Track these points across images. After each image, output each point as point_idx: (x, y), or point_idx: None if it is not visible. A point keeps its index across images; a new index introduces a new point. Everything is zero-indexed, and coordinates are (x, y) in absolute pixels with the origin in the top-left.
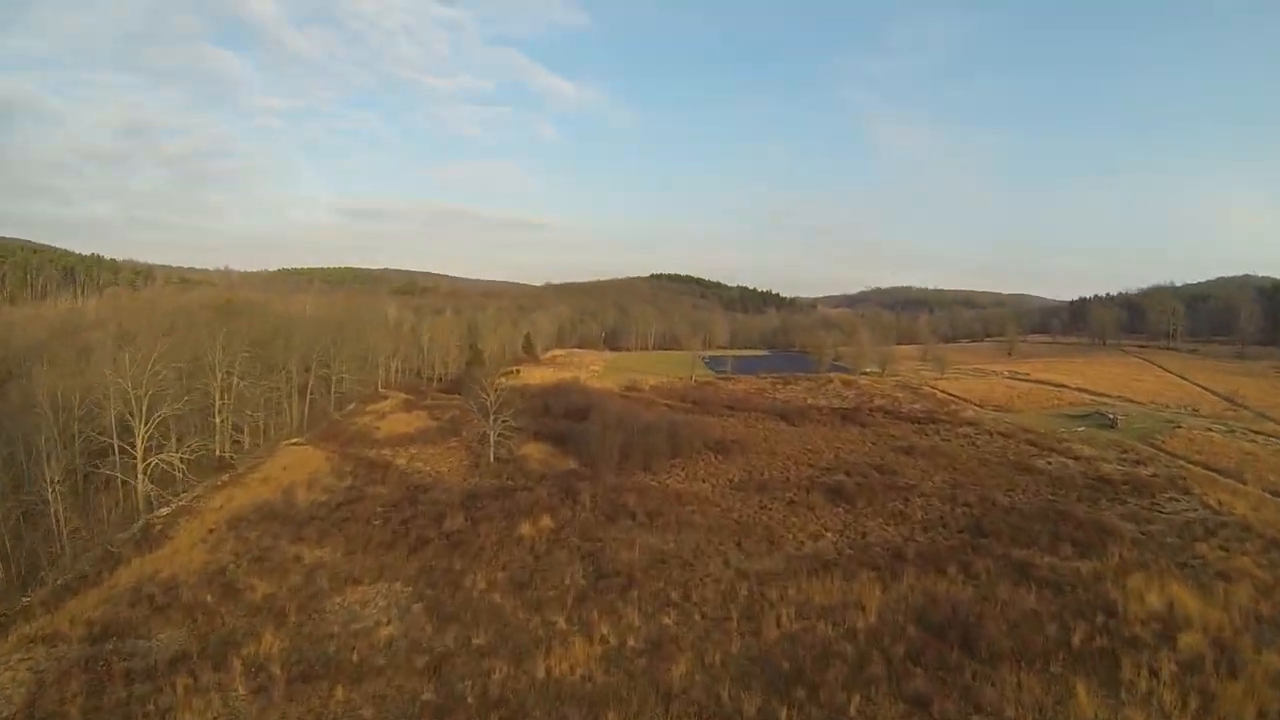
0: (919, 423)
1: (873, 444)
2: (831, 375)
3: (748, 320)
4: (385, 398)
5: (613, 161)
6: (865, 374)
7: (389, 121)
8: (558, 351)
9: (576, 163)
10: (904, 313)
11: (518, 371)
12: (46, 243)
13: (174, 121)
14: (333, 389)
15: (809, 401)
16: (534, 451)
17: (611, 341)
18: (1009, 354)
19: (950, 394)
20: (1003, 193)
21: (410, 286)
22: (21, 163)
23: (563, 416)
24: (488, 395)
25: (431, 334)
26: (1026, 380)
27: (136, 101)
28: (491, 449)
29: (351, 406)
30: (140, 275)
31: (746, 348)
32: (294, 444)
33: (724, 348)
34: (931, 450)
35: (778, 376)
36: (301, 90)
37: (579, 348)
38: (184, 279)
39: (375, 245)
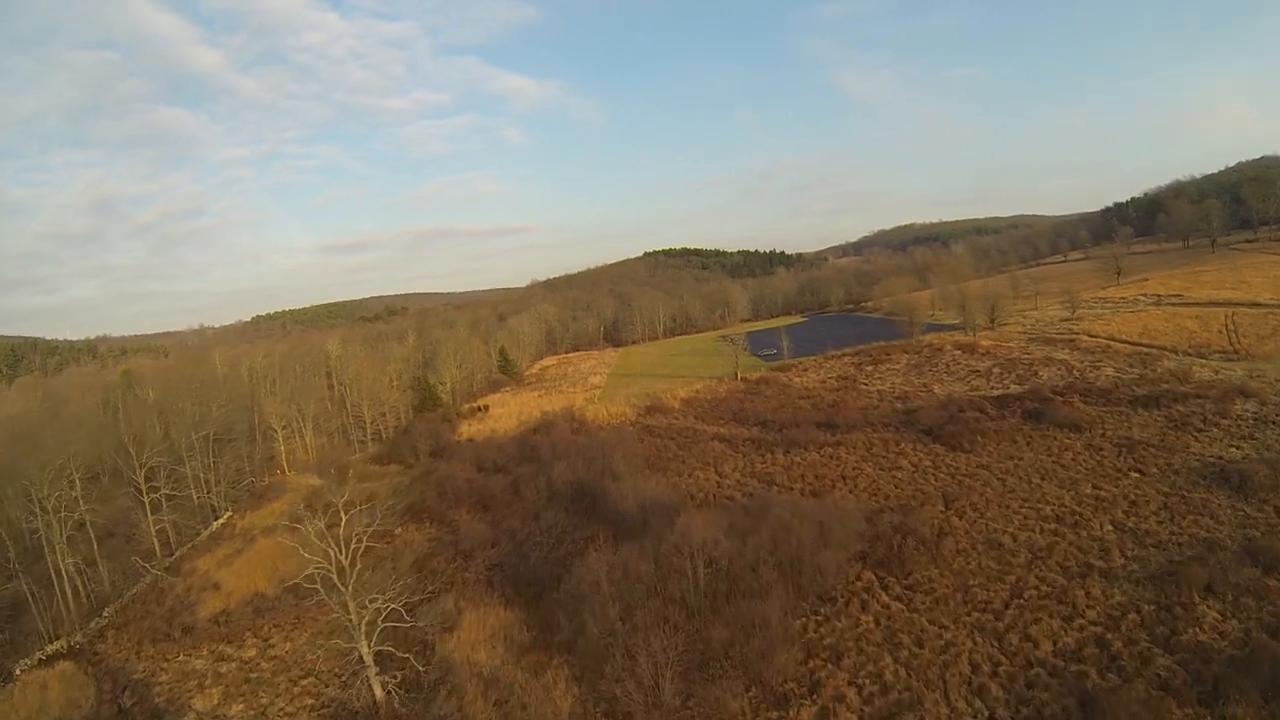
0: (1157, 407)
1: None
2: (926, 337)
3: (765, 284)
4: (270, 497)
5: (586, 153)
6: (956, 328)
7: (354, 152)
8: (549, 361)
9: (550, 161)
10: (916, 249)
11: (484, 409)
12: (35, 335)
13: (140, 190)
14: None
15: (938, 390)
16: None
17: (614, 336)
18: (1118, 273)
19: (1128, 340)
20: (974, 122)
21: (385, 312)
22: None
23: (535, 522)
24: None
25: (357, 376)
26: (1194, 304)
27: (99, 177)
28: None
29: (198, 539)
30: (87, 352)
31: (772, 316)
32: None
33: (747, 320)
34: None
35: (856, 352)
36: (261, 135)
37: (575, 351)
38: (148, 347)
39: (358, 278)
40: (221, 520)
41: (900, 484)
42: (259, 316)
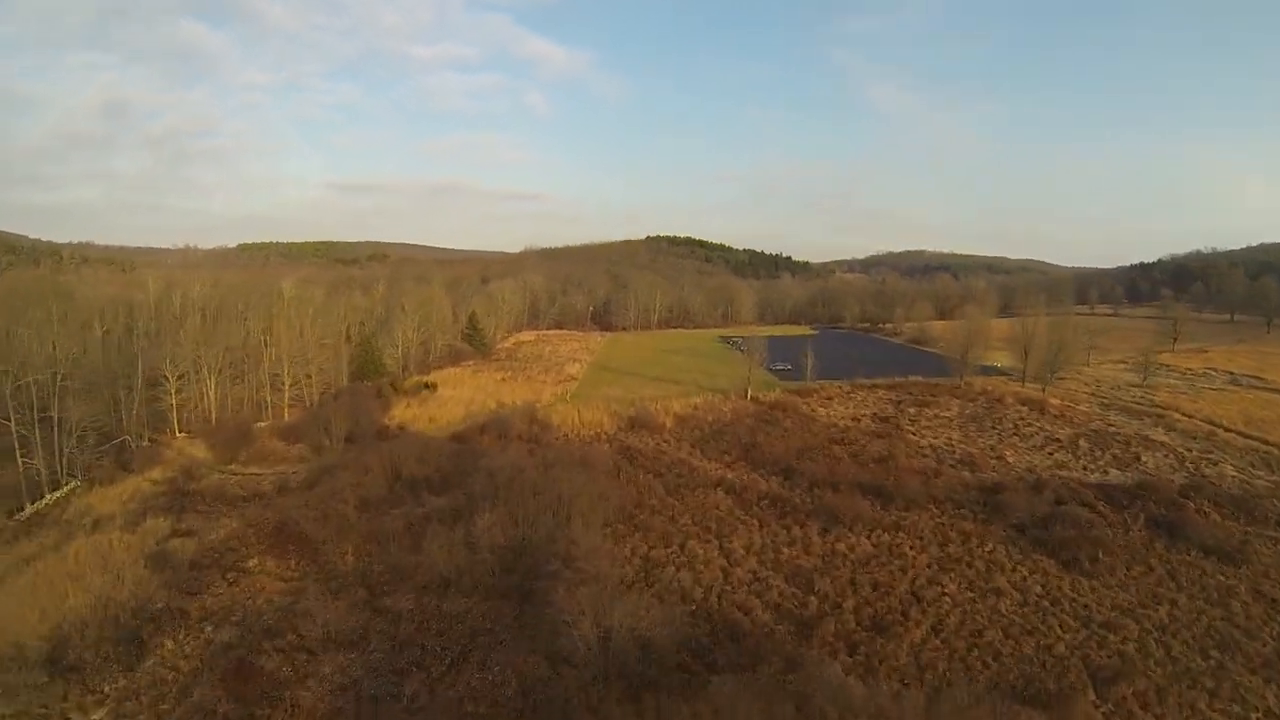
0: None
1: None
2: (975, 380)
3: (772, 288)
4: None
5: (604, 128)
6: (1005, 373)
7: (375, 94)
8: (526, 336)
9: (568, 131)
10: (939, 276)
11: (432, 388)
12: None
13: (154, 101)
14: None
15: (1012, 459)
16: None
17: (602, 319)
18: (1174, 339)
19: (1233, 428)
20: (996, 157)
21: (364, 257)
22: (4, 151)
23: (433, 608)
24: None
25: (288, 323)
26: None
27: (113, 81)
28: None
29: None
30: (56, 255)
31: (777, 323)
32: None
33: (749, 324)
34: None
35: (891, 385)
36: (283, 63)
37: (558, 329)
38: (128, 260)
39: (366, 221)
40: (60, 493)
41: (1009, 628)
42: (244, 244)
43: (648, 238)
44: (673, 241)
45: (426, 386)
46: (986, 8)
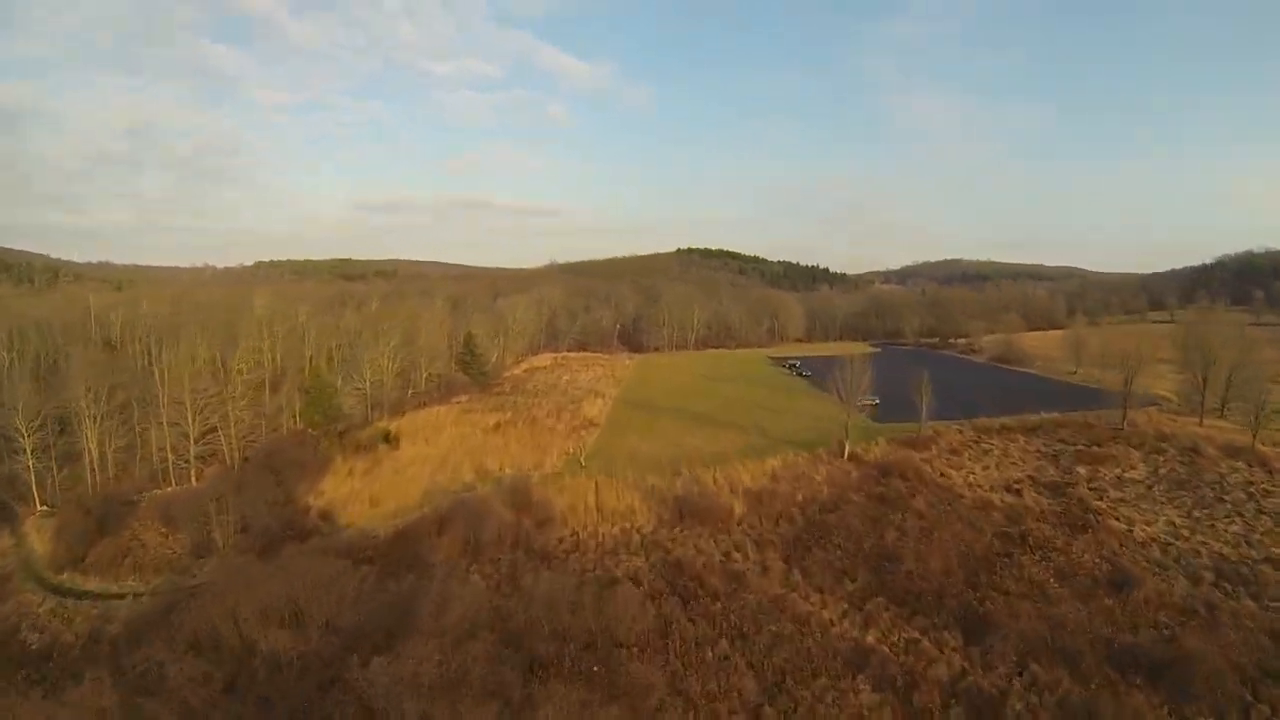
0: None
1: None
2: (1136, 416)
3: (818, 300)
4: None
5: (627, 140)
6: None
7: (396, 111)
8: (542, 359)
9: (591, 145)
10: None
11: (394, 441)
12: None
13: (179, 121)
14: None
15: None
16: None
17: (631, 338)
18: None
19: None
20: (1027, 164)
21: (370, 272)
22: (33, 170)
23: None
24: None
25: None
26: None
27: (138, 102)
28: None
29: None
30: (50, 275)
31: (827, 339)
32: None
33: (797, 340)
34: None
35: (1029, 428)
36: (305, 83)
37: (580, 349)
38: (114, 280)
39: (388, 238)
40: None
41: None
42: (261, 263)
43: (678, 250)
44: (705, 254)
45: (386, 439)
46: (1018, 14)
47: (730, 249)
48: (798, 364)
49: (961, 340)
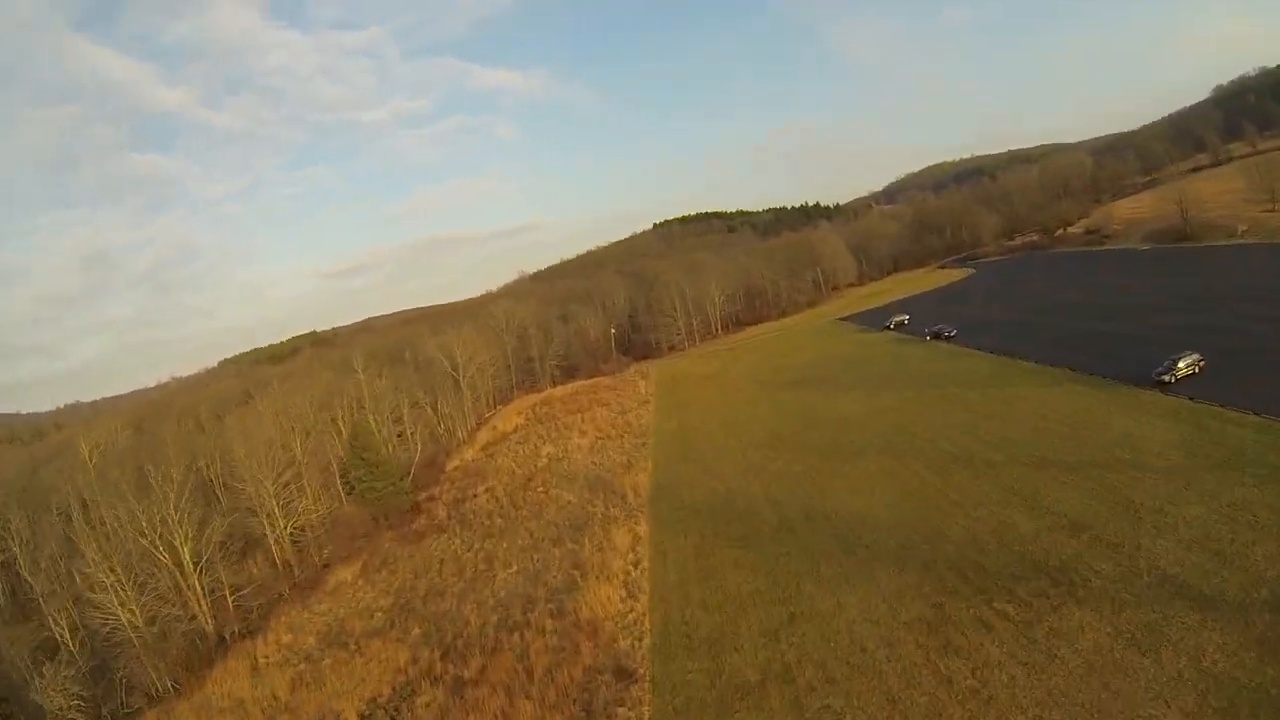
0: None
1: None
2: None
3: (858, 232)
4: None
5: (584, 137)
6: None
7: (340, 171)
8: (509, 416)
9: (549, 152)
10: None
11: None
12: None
13: (129, 240)
14: None
15: None
16: None
17: (631, 342)
18: None
19: None
20: (979, 57)
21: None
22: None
23: None
24: None
25: None
26: None
27: (86, 235)
28: None
29: None
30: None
31: (883, 275)
32: None
33: (853, 285)
34: None
35: None
36: (241, 168)
37: (568, 376)
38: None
39: (359, 300)
40: None
41: None
42: (225, 360)
43: (654, 225)
44: (684, 221)
45: None
46: None
47: (711, 209)
48: (905, 320)
49: (1076, 230)
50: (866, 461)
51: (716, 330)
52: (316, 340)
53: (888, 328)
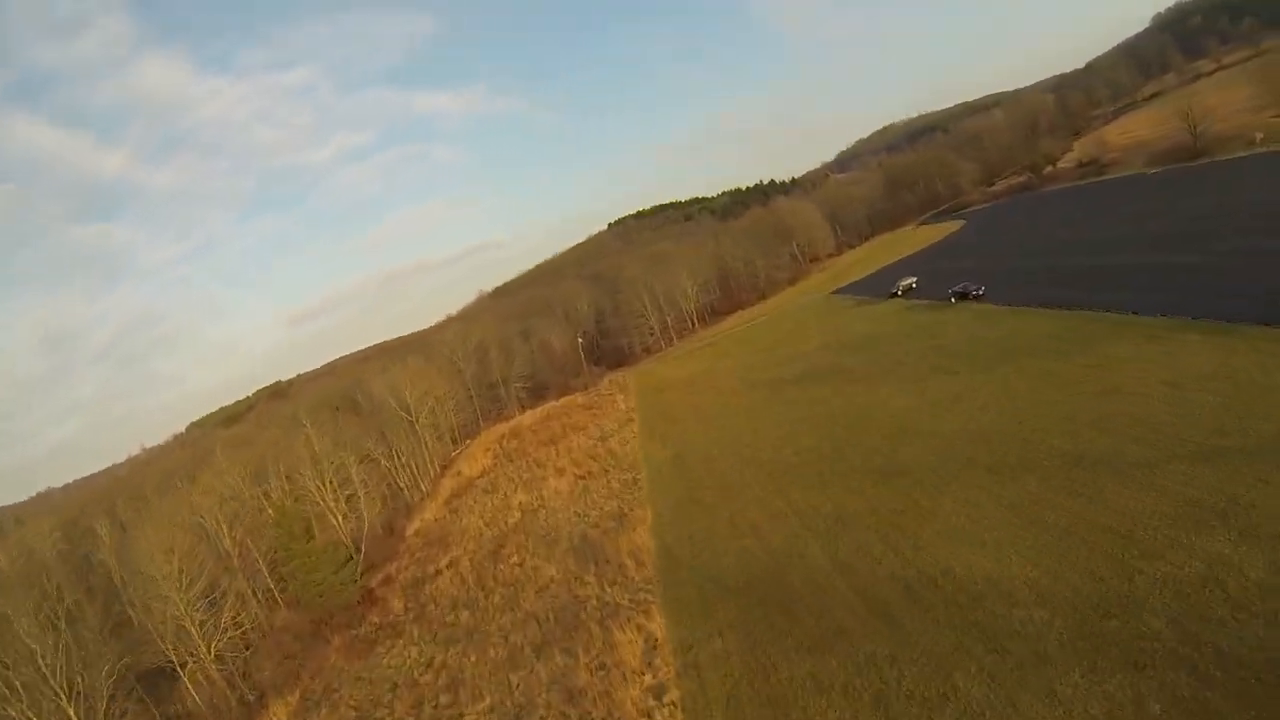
0: None
1: None
2: None
3: (827, 199)
4: None
5: (531, 147)
6: None
7: (291, 215)
8: (474, 458)
9: (497, 167)
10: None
11: None
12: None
13: (87, 315)
14: None
15: None
16: None
17: (601, 350)
18: None
19: None
20: (917, 10)
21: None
22: None
23: None
24: None
25: None
26: None
27: (42, 317)
28: None
29: None
30: None
31: (862, 240)
32: None
33: (833, 255)
34: None
35: None
36: (189, 226)
37: (536, 399)
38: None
39: (330, 340)
40: None
41: None
42: (192, 424)
43: (610, 225)
44: (640, 216)
45: None
46: None
47: (666, 200)
48: (914, 283)
49: (1067, 165)
50: (958, 485)
51: (693, 324)
52: (274, 393)
53: (895, 294)
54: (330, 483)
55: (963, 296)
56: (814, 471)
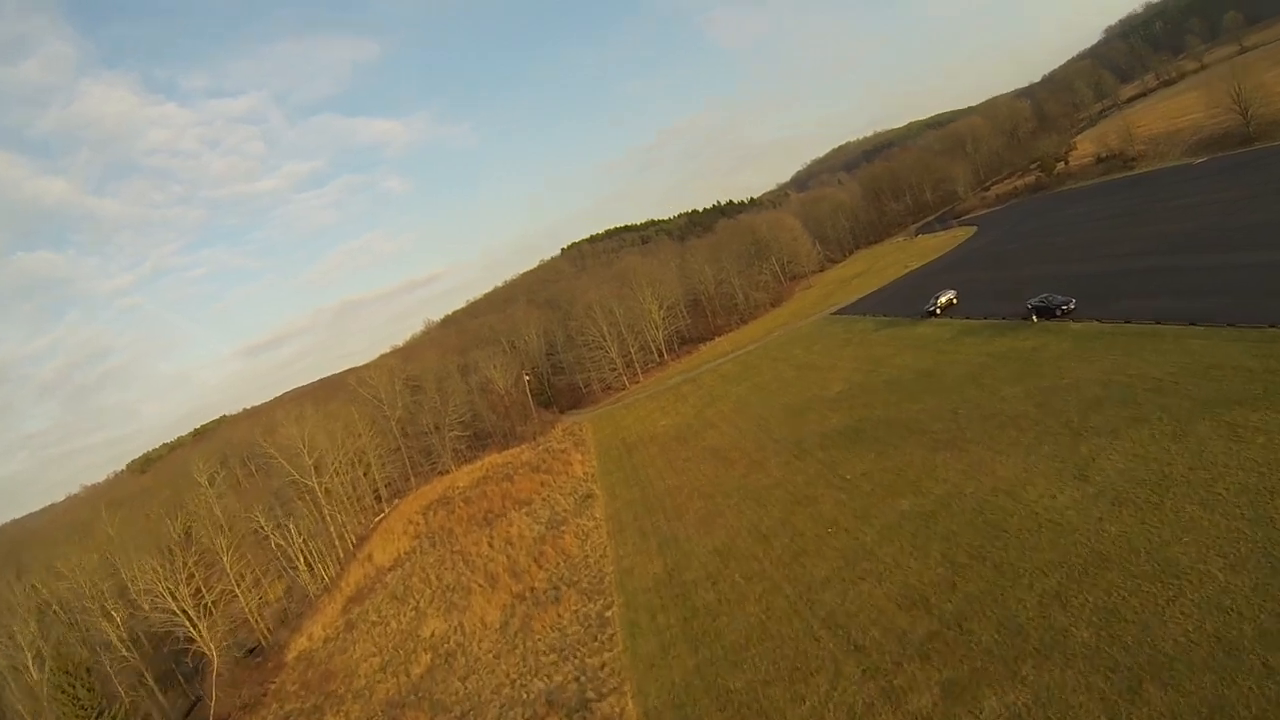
0: None
1: None
2: None
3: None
4: None
5: (477, 176)
6: None
7: (241, 246)
8: (397, 533)
9: (442, 197)
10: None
11: None
12: None
13: (32, 348)
14: None
15: None
16: None
17: (554, 390)
18: None
19: None
20: (861, 36)
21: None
22: None
23: None
24: None
25: None
26: None
27: None
28: None
29: None
30: None
31: (850, 251)
32: None
33: (816, 274)
34: None
35: None
36: (139, 256)
37: (475, 451)
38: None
39: (285, 372)
40: None
41: None
42: (134, 461)
43: (564, 249)
44: (593, 240)
45: None
46: None
47: (619, 224)
48: (954, 299)
49: (1084, 161)
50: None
51: (662, 356)
52: (198, 435)
53: (933, 313)
54: (192, 575)
55: (1047, 313)
56: (952, 645)
